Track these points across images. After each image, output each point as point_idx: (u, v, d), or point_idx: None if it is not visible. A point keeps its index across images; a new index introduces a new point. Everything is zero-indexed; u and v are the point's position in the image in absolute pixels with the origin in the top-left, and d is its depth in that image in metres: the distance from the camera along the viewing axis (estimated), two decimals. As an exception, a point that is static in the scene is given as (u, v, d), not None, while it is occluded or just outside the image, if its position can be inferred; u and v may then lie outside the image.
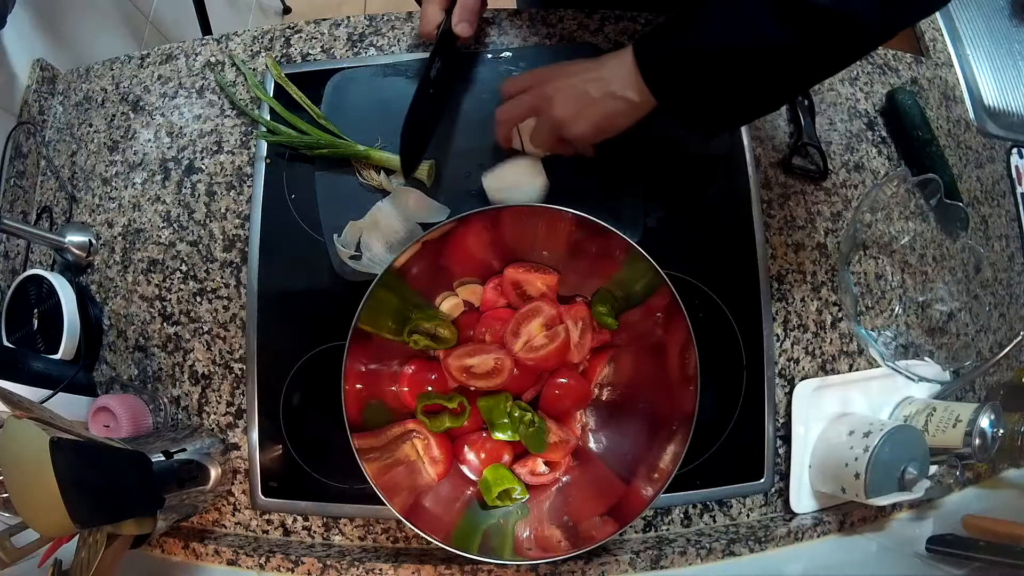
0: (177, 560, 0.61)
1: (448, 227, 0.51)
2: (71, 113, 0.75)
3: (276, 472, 0.61)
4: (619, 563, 0.57)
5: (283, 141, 0.65)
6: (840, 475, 0.57)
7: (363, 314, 0.51)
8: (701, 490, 0.60)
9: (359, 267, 0.61)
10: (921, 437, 0.57)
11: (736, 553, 0.58)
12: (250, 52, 0.71)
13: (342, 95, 0.66)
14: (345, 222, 0.62)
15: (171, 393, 0.64)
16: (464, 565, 0.57)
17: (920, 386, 0.64)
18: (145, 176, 0.69)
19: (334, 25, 0.71)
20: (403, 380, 0.58)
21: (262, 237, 0.64)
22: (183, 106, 0.71)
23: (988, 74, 0.79)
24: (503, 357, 0.55)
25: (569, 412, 0.59)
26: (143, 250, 0.67)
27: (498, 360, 0.55)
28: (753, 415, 0.61)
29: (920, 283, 0.68)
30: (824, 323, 0.64)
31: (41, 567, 0.51)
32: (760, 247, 0.63)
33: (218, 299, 0.65)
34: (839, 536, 0.61)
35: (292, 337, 0.62)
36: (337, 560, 0.57)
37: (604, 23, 0.68)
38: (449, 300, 0.58)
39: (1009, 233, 0.75)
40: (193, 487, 0.57)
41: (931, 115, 0.71)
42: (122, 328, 0.67)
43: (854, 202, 0.67)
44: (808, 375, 0.63)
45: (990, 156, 0.77)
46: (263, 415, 0.62)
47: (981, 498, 0.66)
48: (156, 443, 0.55)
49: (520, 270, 0.57)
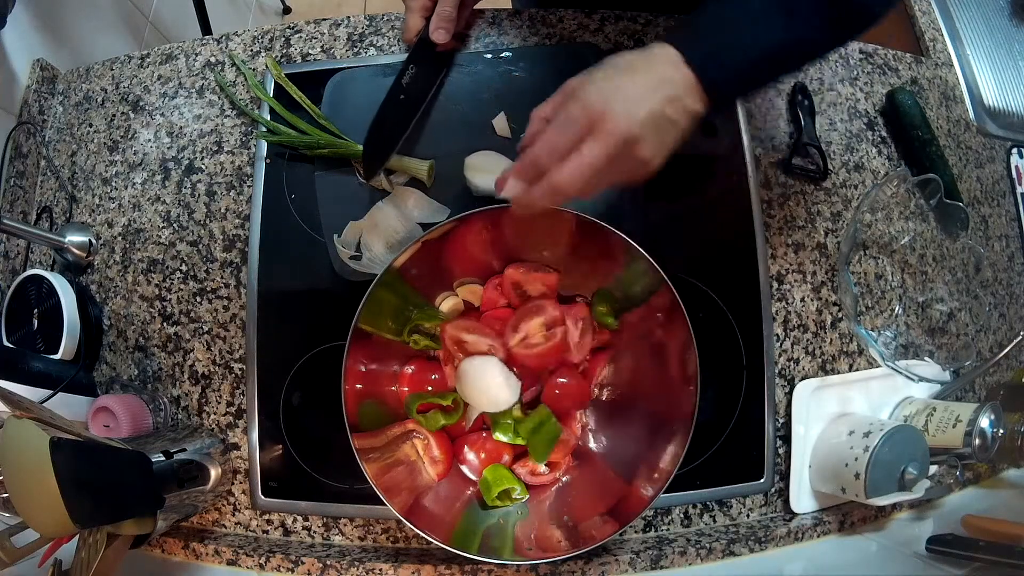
0: (177, 560, 0.61)
1: (448, 227, 0.51)
2: (71, 113, 0.75)
3: (276, 472, 0.61)
4: (619, 563, 0.57)
5: (283, 141, 0.65)
6: (840, 475, 0.57)
7: (363, 314, 0.51)
8: (701, 490, 0.60)
9: (359, 267, 0.61)
10: (921, 437, 0.57)
11: (736, 553, 0.58)
12: (250, 52, 0.71)
13: (342, 95, 0.66)
14: (345, 222, 0.62)
15: (171, 393, 0.64)
16: (464, 565, 0.57)
17: (920, 386, 0.64)
18: (145, 176, 0.69)
19: (334, 25, 0.71)
20: (403, 380, 0.58)
21: (262, 237, 0.64)
22: (183, 106, 0.71)
23: (988, 74, 0.79)
24: (496, 346, 0.56)
25: (569, 412, 0.59)
26: (143, 250, 0.67)
27: (491, 347, 0.56)
28: (753, 415, 0.61)
29: (920, 283, 0.68)
30: (824, 323, 0.64)
31: (41, 567, 0.51)
32: (760, 247, 0.63)
33: (218, 299, 0.65)
34: (839, 536, 0.61)
35: (292, 337, 0.62)
36: (337, 560, 0.57)
37: (604, 23, 0.68)
38: (449, 300, 0.58)
39: (1009, 233, 0.75)
40: (193, 487, 0.57)
41: (931, 115, 0.71)
42: (122, 328, 0.67)
43: (854, 202, 0.67)
44: (808, 375, 0.63)
45: (990, 156, 0.77)
46: (263, 415, 0.62)
47: (981, 498, 0.66)
48: (156, 443, 0.55)
49: (520, 270, 0.57)
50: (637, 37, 0.68)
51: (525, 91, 0.65)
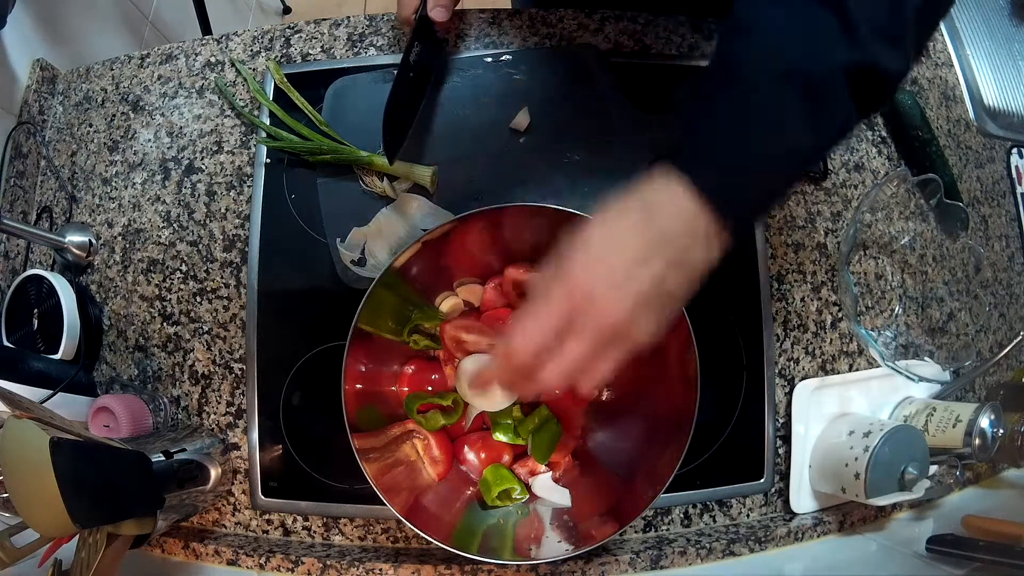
0: (177, 560, 0.61)
1: (448, 227, 0.51)
2: (71, 113, 0.75)
3: (276, 472, 0.61)
4: (619, 563, 0.57)
5: (284, 147, 0.65)
6: (840, 475, 0.57)
7: (363, 314, 0.51)
8: (701, 490, 0.60)
9: (363, 272, 0.61)
10: (921, 437, 0.57)
11: (736, 553, 0.58)
12: (250, 52, 0.71)
13: (342, 101, 0.66)
14: (348, 228, 0.62)
15: (171, 393, 0.64)
16: (464, 565, 0.57)
17: (920, 386, 0.64)
18: (145, 176, 0.69)
19: (334, 25, 0.71)
20: (403, 380, 0.58)
21: (262, 237, 0.64)
22: (183, 106, 0.71)
23: (988, 74, 0.79)
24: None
25: (569, 412, 0.58)
26: (143, 250, 0.67)
27: (491, 347, 0.56)
28: (753, 415, 0.61)
29: (920, 283, 0.68)
30: (824, 323, 0.64)
31: (41, 567, 0.51)
32: (760, 247, 0.63)
33: (218, 299, 0.65)
34: (839, 536, 0.61)
35: (292, 337, 0.62)
36: (337, 560, 0.57)
37: (604, 23, 0.68)
38: (449, 300, 0.58)
39: (1009, 233, 0.75)
40: (193, 487, 0.57)
41: (931, 115, 0.71)
42: (122, 328, 0.67)
43: (854, 202, 0.67)
44: (808, 375, 0.63)
45: (990, 156, 0.77)
46: (263, 415, 0.62)
47: (981, 498, 0.66)
48: (156, 443, 0.55)
49: (520, 270, 0.57)
50: (637, 37, 0.68)
51: (526, 94, 0.65)
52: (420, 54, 0.62)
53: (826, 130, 0.37)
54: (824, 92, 0.35)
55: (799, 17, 0.36)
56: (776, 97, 0.35)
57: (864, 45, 0.35)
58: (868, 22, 0.35)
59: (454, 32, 0.68)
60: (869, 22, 0.35)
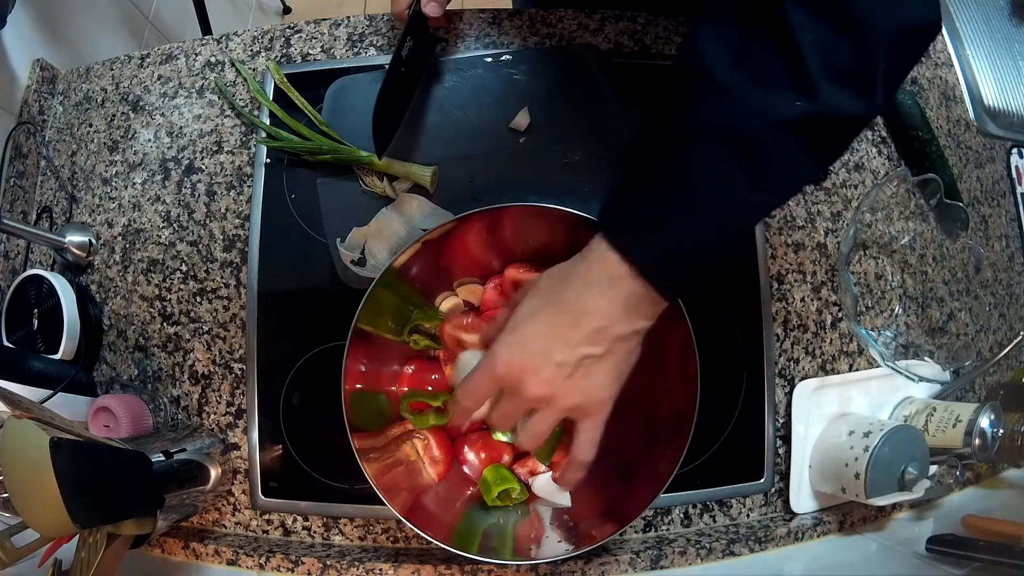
0: (177, 560, 0.61)
1: (448, 227, 0.51)
2: (71, 113, 0.75)
3: (276, 472, 0.61)
4: (619, 563, 0.57)
5: (284, 147, 0.65)
6: (840, 475, 0.57)
7: (363, 314, 0.51)
8: (701, 490, 0.60)
9: (363, 272, 0.61)
10: (921, 437, 0.57)
11: (736, 553, 0.58)
12: (250, 52, 0.71)
13: (343, 101, 0.66)
14: (348, 228, 0.62)
15: (171, 393, 0.64)
16: (464, 565, 0.57)
17: (920, 386, 0.64)
18: (145, 176, 0.69)
19: (334, 25, 0.71)
20: (403, 380, 0.58)
21: (262, 237, 0.64)
22: (183, 106, 0.71)
23: (988, 74, 0.79)
24: None
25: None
26: (143, 250, 0.67)
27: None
28: (753, 415, 0.61)
29: (920, 283, 0.68)
30: (824, 323, 0.64)
31: (41, 567, 0.51)
32: (760, 247, 0.63)
33: (218, 299, 0.65)
34: (839, 536, 0.61)
35: (292, 337, 0.62)
36: (337, 560, 0.57)
37: (604, 23, 0.68)
38: (449, 300, 0.58)
39: (1009, 233, 0.75)
40: (193, 487, 0.57)
41: (931, 115, 0.71)
42: (122, 328, 0.67)
43: (854, 202, 0.67)
44: (808, 375, 0.63)
45: (990, 156, 0.76)
46: (263, 415, 0.62)
47: (981, 498, 0.66)
48: (156, 443, 0.55)
49: (520, 270, 0.57)
50: (637, 37, 0.68)
51: (526, 94, 0.65)
52: (413, 49, 0.62)
53: (773, 187, 0.36)
54: (767, 150, 0.34)
55: (747, 66, 0.34)
56: (715, 158, 0.34)
57: (818, 90, 0.32)
58: (824, 64, 0.32)
59: (454, 32, 0.69)
60: (825, 63, 0.32)
